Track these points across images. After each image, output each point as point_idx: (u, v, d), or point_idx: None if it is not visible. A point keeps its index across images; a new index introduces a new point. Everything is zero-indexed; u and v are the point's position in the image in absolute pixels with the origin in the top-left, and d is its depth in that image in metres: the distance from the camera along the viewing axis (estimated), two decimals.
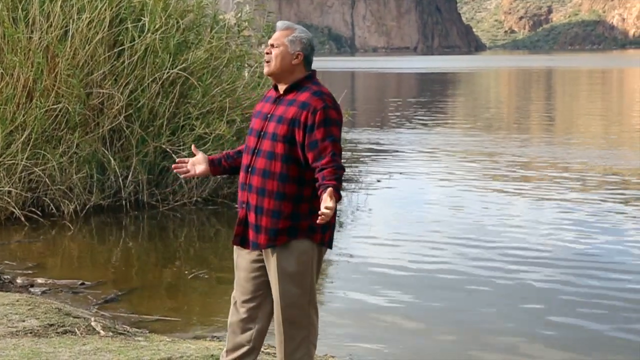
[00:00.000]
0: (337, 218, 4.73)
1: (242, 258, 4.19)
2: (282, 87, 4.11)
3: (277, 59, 4.07)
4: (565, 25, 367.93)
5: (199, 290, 7.99)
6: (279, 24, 4.17)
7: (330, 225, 4.05)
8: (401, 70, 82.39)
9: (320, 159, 3.90)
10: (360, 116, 28.18)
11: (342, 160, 3.99)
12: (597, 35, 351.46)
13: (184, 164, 4.36)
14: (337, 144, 3.95)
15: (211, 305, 7.58)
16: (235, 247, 4.21)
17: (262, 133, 4.06)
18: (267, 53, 4.10)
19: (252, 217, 4.05)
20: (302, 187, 3.98)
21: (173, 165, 4.45)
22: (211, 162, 4.33)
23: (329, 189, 3.74)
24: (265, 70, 4.13)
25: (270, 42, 4.13)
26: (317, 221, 3.73)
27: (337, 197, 3.78)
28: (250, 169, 4.07)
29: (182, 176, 4.41)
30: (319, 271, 4.15)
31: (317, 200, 3.94)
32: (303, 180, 3.98)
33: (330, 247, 4.15)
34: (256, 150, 4.06)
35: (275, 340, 4.14)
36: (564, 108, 33.30)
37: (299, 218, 3.97)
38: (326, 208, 3.69)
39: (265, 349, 5.54)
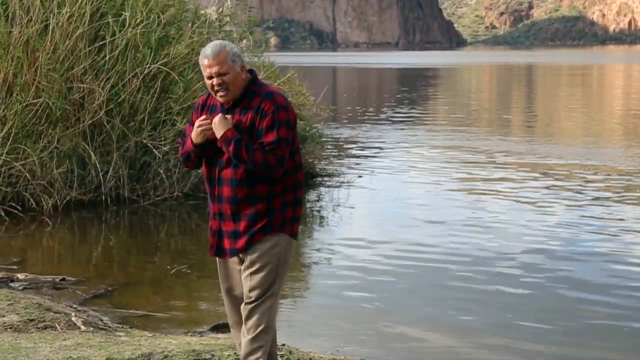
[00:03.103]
0: (317, 213, 4.74)
1: (227, 267, 4.30)
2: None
3: (233, 85, 4.06)
4: (546, 21, 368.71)
5: (181, 286, 7.99)
6: (209, 51, 4.06)
7: (297, 218, 4.21)
8: (383, 66, 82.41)
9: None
10: (342, 112, 28.17)
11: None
12: (578, 31, 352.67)
13: None
14: (283, 145, 4.03)
15: (193, 300, 7.58)
16: (218, 260, 4.30)
17: None
18: (219, 84, 4.04)
19: (229, 226, 4.14)
20: (272, 185, 4.09)
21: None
22: None
23: (226, 116, 4.04)
24: (224, 99, 4.09)
25: (213, 72, 4.04)
26: (195, 127, 4.07)
27: (229, 135, 3.99)
28: (218, 180, 4.14)
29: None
30: (289, 264, 4.25)
31: (289, 193, 4.13)
32: (272, 179, 4.07)
33: (296, 239, 4.26)
34: (219, 162, 4.12)
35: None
36: (546, 105, 33.42)
37: (273, 213, 4.11)
38: (204, 119, 4.06)
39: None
